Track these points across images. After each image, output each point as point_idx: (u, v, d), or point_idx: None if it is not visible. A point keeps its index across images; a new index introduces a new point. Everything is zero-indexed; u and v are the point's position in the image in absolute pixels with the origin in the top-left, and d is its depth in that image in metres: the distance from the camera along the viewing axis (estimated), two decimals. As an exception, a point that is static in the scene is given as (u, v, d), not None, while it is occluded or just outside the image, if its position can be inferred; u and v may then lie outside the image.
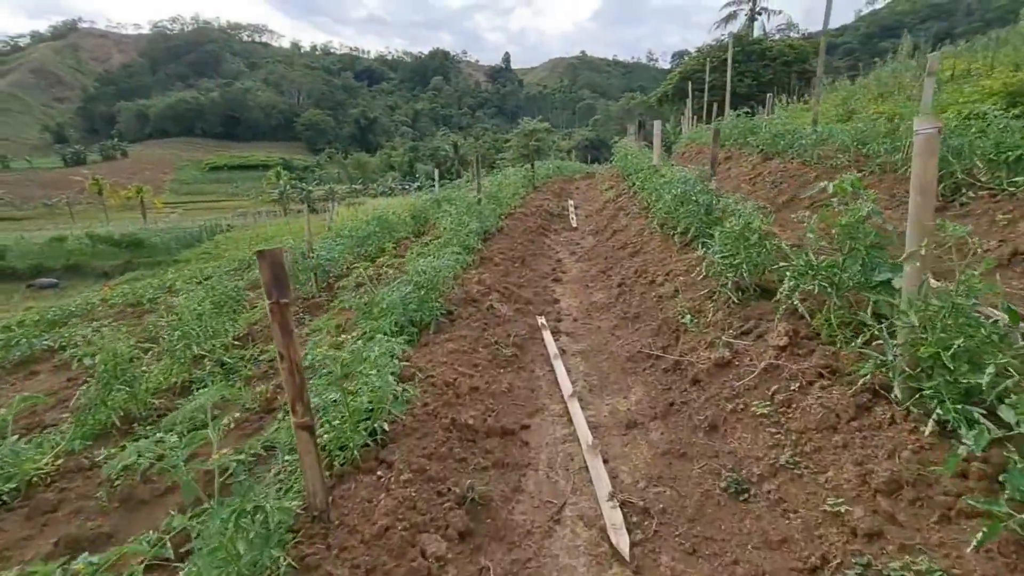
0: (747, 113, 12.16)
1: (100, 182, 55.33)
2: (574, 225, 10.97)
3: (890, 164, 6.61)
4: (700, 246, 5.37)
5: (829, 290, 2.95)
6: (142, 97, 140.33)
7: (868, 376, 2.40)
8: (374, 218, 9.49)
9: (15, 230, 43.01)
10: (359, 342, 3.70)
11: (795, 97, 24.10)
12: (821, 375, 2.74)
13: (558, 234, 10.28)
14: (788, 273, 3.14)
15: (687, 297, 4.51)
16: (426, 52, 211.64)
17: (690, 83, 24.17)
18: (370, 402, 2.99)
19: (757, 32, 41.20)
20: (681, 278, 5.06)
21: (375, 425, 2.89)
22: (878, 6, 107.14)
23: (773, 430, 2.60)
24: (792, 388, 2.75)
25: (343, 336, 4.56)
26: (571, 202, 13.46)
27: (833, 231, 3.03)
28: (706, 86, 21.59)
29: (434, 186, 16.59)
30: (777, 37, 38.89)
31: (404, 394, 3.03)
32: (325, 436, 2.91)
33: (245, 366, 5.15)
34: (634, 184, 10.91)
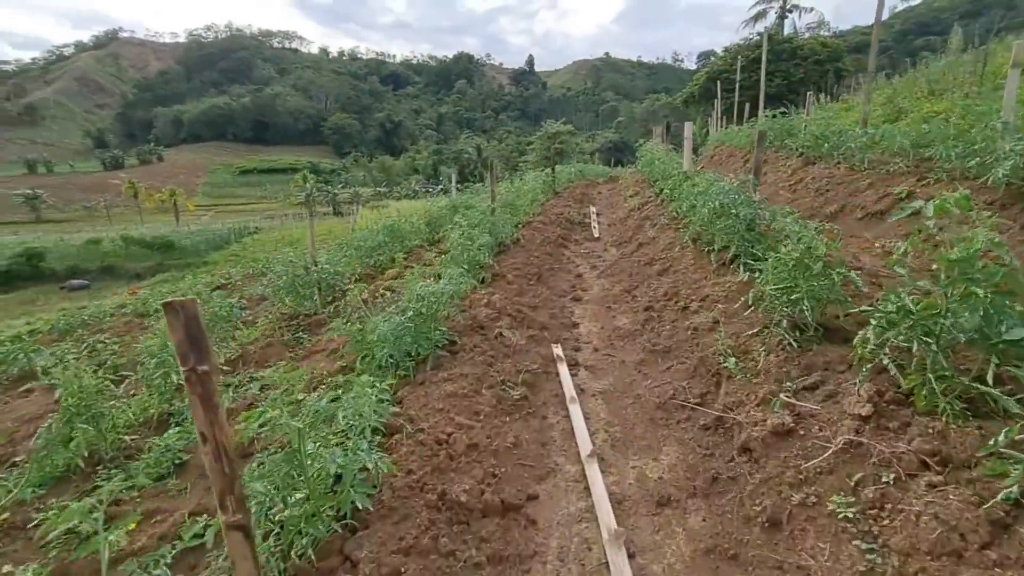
0: (782, 113, 11.27)
1: (135, 185, 57.35)
2: (596, 235, 10.27)
3: (962, 171, 5.75)
4: (742, 268, 4.66)
5: (933, 346, 2.23)
6: (177, 103, 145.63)
7: (1015, 487, 1.70)
8: (384, 227, 9.00)
9: (56, 232, 44.67)
10: (337, 391, 3.16)
11: (829, 96, 22.79)
12: (926, 464, 2.04)
13: (579, 245, 9.61)
14: (874, 321, 2.43)
15: (729, 332, 3.81)
16: (451, 56, 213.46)
17: (718, 83, 23.14)
18: (340, 468, 2.44)
19: (787, 31, 39.61)
20: (720, 306, 4.35)
21: (342, 508, 2.33)
22: (914, 2, 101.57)
23: (863, 544, 1.91)
24: (885, 481, 2.06)
25: (326, 378, 4.03)
26: (593, 209, 12.76)
27: (934, 266, 2.33)
28: (736, 86, 20.56)
29: (452, 190, 15.98)
30: (807, 36, 37.29)
31: (380, 466, 2.45)
32: (286, 512, 2.38)
33: (231, 396, 4.68)
34: (661, 191, 10.18)
